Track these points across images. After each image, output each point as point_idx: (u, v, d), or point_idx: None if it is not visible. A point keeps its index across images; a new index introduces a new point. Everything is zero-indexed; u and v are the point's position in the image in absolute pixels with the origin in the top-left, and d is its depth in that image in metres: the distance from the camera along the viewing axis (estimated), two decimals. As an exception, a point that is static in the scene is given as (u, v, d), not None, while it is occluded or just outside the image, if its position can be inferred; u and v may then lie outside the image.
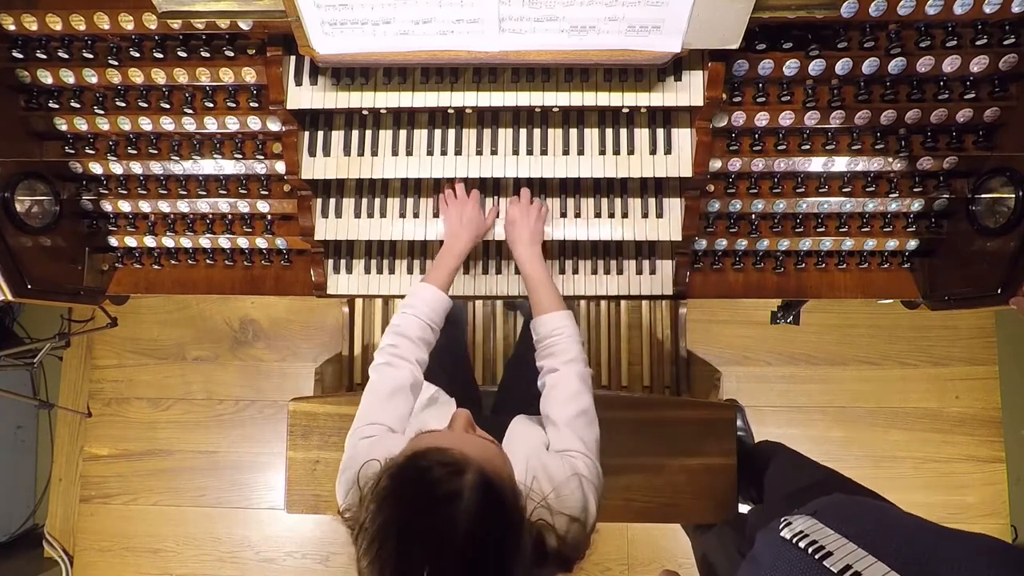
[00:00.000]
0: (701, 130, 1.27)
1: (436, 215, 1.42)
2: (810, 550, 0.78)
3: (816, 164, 1.32)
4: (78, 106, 1.35)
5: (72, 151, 1.38)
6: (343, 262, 1.48)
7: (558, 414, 1.06)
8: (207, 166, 1.39)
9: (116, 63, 1.29)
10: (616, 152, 1.34)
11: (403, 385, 1.09)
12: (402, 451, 0.81)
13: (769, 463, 1.50)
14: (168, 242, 1.48)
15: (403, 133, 1.36)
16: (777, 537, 0.85)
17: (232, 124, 1.34)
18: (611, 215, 1.39)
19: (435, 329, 1.18)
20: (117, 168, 1.41)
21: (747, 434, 2.15)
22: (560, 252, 1.46)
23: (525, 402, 1.40)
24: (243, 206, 1.42)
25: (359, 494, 0.81)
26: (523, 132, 1.35)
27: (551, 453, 1.01)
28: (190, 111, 1.33)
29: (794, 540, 0.81)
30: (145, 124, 1.34)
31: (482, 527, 0.71)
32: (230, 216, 1.46)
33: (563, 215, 1.40)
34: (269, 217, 1.46)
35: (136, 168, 1.40)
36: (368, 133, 1.37)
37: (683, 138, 1.33)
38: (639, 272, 1.44)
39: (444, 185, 1.39)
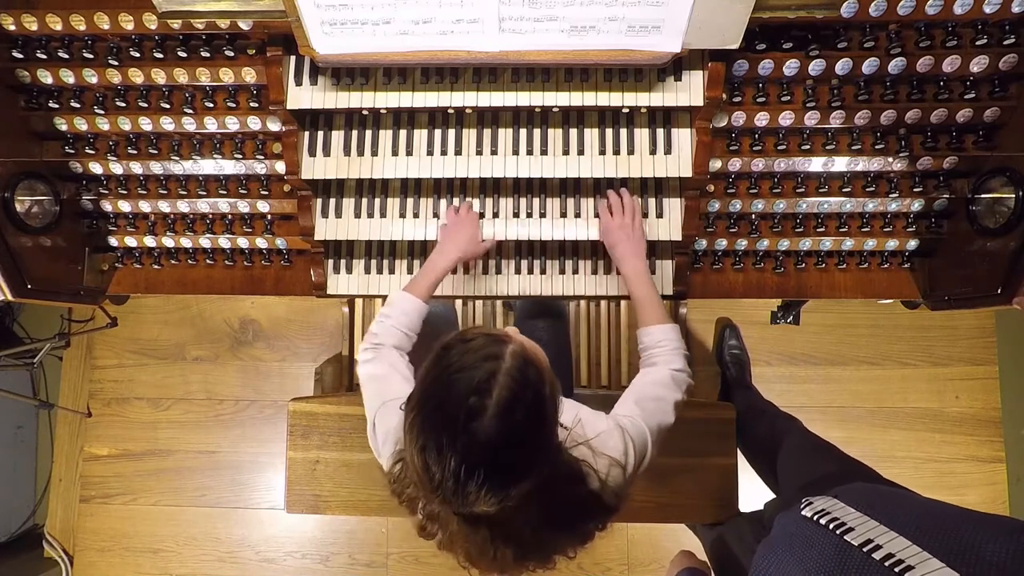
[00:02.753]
0: (701, 130, 1.27)
1: (436, 215, 1.42)
2: (831, 526, 0.78)
3: (816, 164, 1.32)
4: (78, 106, 1.35)
5: (72, 151, 1.38)
6: (343, 262, 1.48)
7: (633, 391, 1.09)
8: (207, 166, 1.39)
9: (116, 63, 1.29)
10: (616, 152, 1.34)
11: (401, 366, 1.13)
12: None
13: (780, 438, 1.51)
14: (168, 242, 1.48)
15: (403, 133, 1.36)
16: (798, 516, 0.86)
17: (232, 124, 1.34)
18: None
19: (411, 336, 1.21)
20: (117, 168, 1.41)
21: (742, 352, 2.21)
22: (560, 252, 1.46)
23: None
24: (243, 206, 1.42)
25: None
26: (523, 132, 1.35)
27: (596, 412, 1.04)
28: (190, 111, 1.33)
29: (815, 518, 0.82)
30: (145, 124, 1.34)
31: (519, 385, 0.76)
32: (230, 216, 1.46)
33: (563, 215, 1.40)
34: (269, 217, 1.46)
35: (136, 168, 1.40)
36: (368, 133, 1.37)
37: (683, 138, 1.33)
38: (639, 272, 1.44)
39: (449, 207, 1.39)
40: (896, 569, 0.66)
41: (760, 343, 2.32)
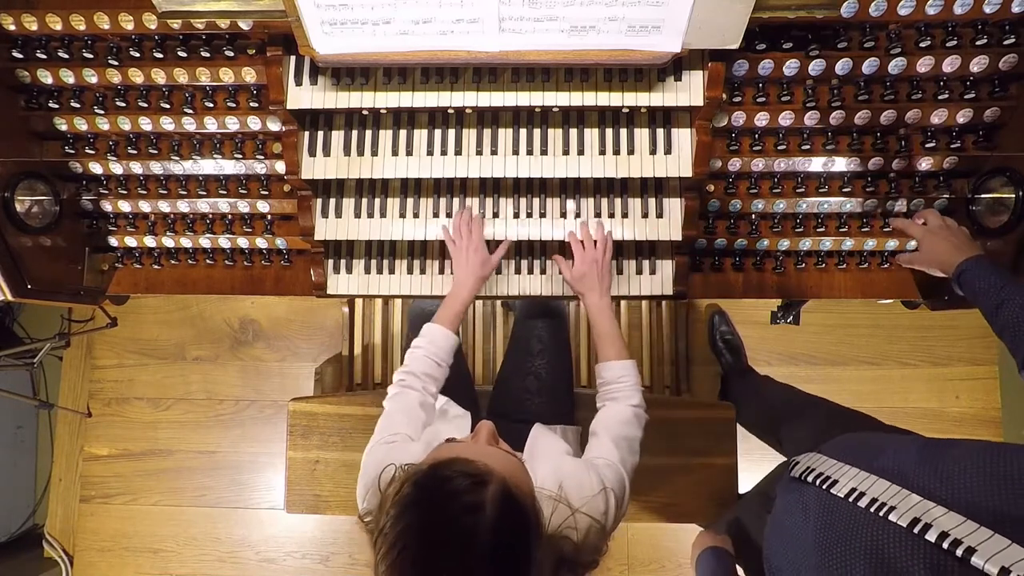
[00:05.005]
0: (701, 130, 1.27)
1: (436, 215, 1.41)
2: (818, 482, 0.80)
3: (816, 164, 1.32)
4: (78, 106, 1.35)
5: (72, 151, 1.38)
6: (343, 262, 1.48)
7: (604, 429, 1.10)
8: (207, 166, 1.39)
9: (116, 63, 1.29)
10: (616, 152, 1.34)
11: (415, 404, 1.14)
12: (425, 459, 0.81)
13: (779, 403, 1.57)
14: (168, 242, 1.48)
15: (403, 133, 1.36)
16: (788, 480, 0.88)
17: (232, 124, 1.34)
18: (611, 215, 1.39)
19: (442, 365, 1.21)
20: (117, 168, 1.41)
21: (734, 336, 2.24)
22: (560, 252, 1.46)
23: (521, 397, 1.41)
24: (243, 206, 1.42)
25: (379, 497, 0.82)
26: (523, 132, 1.35)
27: (577, 461, 1.04)
28: (190, 111, 1.33)
29: (802, 476, 0.84)
30: (145, 124, 1.34)
31: (502, 539, 0.71)
32: (230, 216, 1.46)
33: (563, 215, 1.40)
34: (269, 217, 1.46)
35: (136, 168, 1.40)
36: (368, 133, 1.37)
37: (683, 138, 1.33)
38: (639, 272, 1.44)
39: (446, 229, 1.37)
40: (880, 513, 0.68)
41: (760, 343, 2.32)
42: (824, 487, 0.79)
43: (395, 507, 0.75)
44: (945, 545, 0.61)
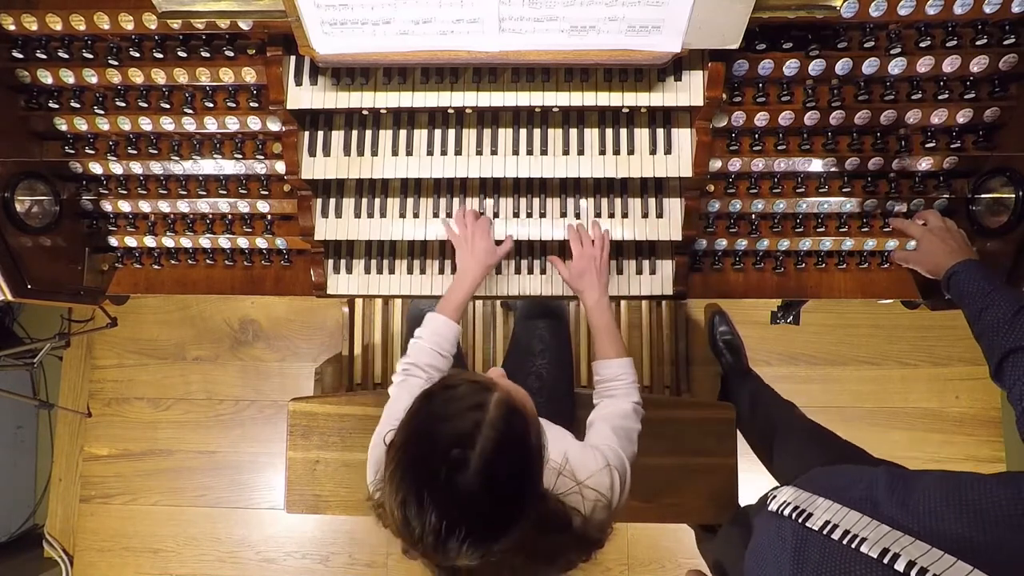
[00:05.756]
0: (701, 130, 1.27)
1: (436, 215, 1.42)
2: (793, 516, 0.83)
3: (816, 164, 1.32)
4: (78, 106, 1.35)
5: (72, 151, 1.38)
6: (343, 262, 1.48)
7: (602, 420, 1.11)
8: (207, 166, 1.39)
9: (116, 63, 1.29)
10: (616, 152, 1.34)
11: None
12: None
13: (775, 431, 1.56)
14: (168, 242, 1.48)
15: (403, 133, 1.36)
16: (766, 512, 0.90)
17: (232, 124, 1.34)
18: (611, 215, 1.39)
19: (445, 355, 1.20)
20: (117, 168, 1.41)
21: (734, 336, 2.24)
22: (560, 252, 1.46)
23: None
24: (243, 206, 1.42)
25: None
26: (523, 132, 1.35)
27: (581, 443, 1.05)
28: (190, 111, 1.33)
29: (779, 510, 0.87)
30: (145, 124, 1.34)
31: (503, 438, 0.74)
32: (230, 216, 1.46)
33: (563, 215, 1.40)
34: (269, 217, 1.46)
35: (136, 168, 1.40)
36: (368, 133, 1.37)
37: (683, 138, 1.33)
38: (639, 272, 1.44)
39: (447, 222, 1.37)
40: (852, 545, 0.71)
41: (760, 343, 2.32)
42: (800, 520, 0.81)
43: (404, 418, 0.79)
44: (913, 574, 0.63)
